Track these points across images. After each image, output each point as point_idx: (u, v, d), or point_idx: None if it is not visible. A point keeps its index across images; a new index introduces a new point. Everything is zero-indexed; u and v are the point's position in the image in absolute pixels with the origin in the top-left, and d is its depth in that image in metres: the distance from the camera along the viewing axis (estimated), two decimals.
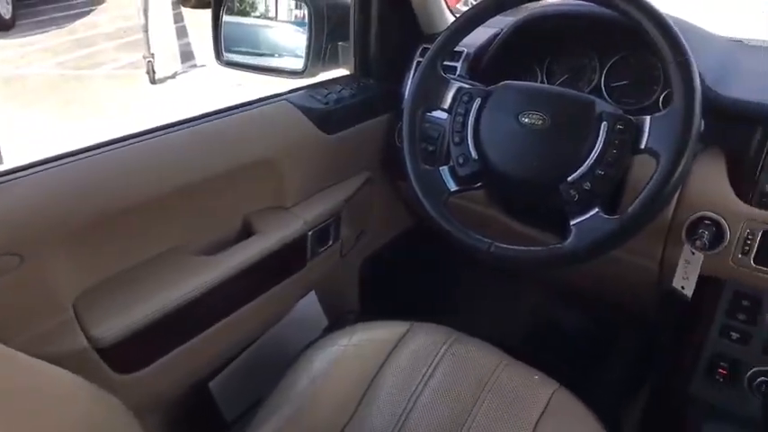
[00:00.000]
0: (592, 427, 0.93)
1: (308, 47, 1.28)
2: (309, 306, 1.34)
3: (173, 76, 5.62)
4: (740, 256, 0.95)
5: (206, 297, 0.97)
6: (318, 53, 1.32)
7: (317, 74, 1.33)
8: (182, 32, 6.94)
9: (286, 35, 1.34)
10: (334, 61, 1.37)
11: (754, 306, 0.98)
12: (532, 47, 1.25)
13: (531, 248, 0.90)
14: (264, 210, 1.13)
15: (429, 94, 1.03)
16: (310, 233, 1.16)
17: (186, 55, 6.17)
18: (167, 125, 1.01)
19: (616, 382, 1.47)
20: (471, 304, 1.68)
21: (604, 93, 1.19)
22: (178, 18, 7.54)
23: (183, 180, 0.97)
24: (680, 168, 0.82)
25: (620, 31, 1.05)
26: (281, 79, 1.32)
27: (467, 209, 1.24)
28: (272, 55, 1.35)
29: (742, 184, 0.97)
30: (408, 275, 1.64)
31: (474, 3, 1.08)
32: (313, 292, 1.35)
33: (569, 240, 0.88)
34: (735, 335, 1.00)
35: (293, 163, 1.15)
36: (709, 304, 1.02)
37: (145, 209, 0.95)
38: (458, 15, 1.36)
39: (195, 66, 5.88)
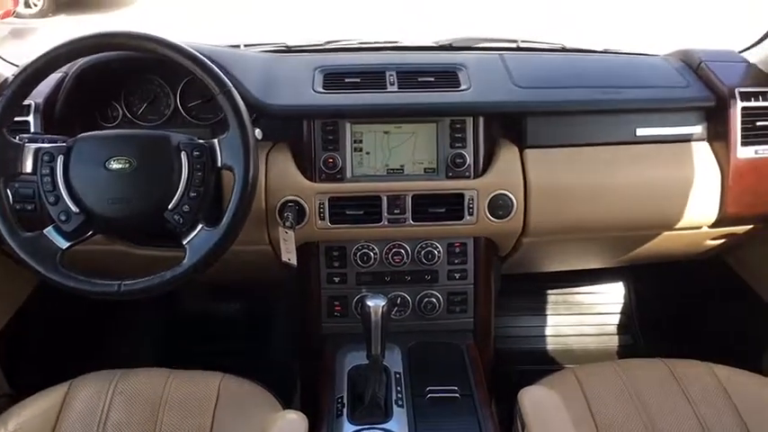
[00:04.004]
0: (261, 396, 1.12)
1: None
2: None
3: None
4: (320, 221, 1.25)
5: None
6: None
7: None
8: None
9: None
10: None
11: (342, 253, 1.30)
12: (105, 84, 1.30)
13: (156, 276, 1.01)
14: None
15: (5, 162, 1.01)
16: None
17: None
18: None
19: (276, 347, 1.71)
20: (130, 337, 1.70)
21: (183, 113, 1.34)
22: None
23: None
24: (250, 176, 1.03)
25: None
26: None
27: (94, 252, 1.26)
28: None
29: (305, 166, 1.25)
30: (56, 333, 1.56)
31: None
32: None
33: (186, 259, 1.02)
34: (336, 278, 1.31)
35: None
36: (314, 262, 1.31)
37: None
38: (14, 66, 1.31)
39: None
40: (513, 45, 1.53)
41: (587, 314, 1.85)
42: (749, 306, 1.53)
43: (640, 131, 1.30)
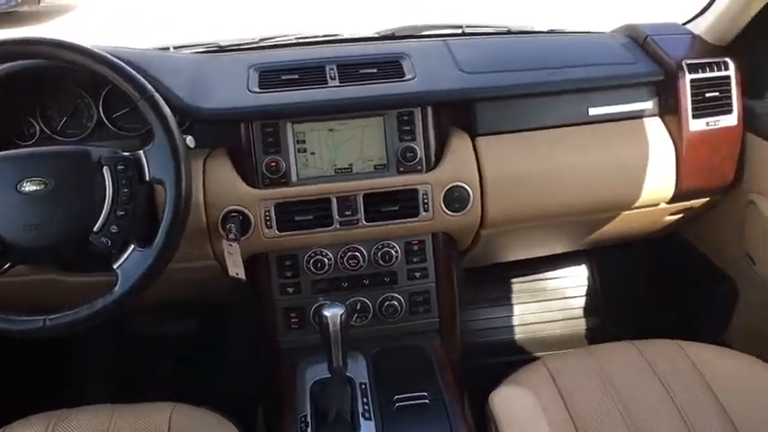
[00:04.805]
0: (217, 425, 1.04)
1: None
2: None
3: None
4: (267, 230, 1.16)
5: None
6: None
7: None
8: None
9: None
10: None
11: (294, 262, 1.22)
12: (16, 98, 1.19)
13: (85, 307, 0.92)
14: None
15: None
16: None
17: None
18: None
19: (234, 368, 1.61)
20: (71, 369, 1.58)
21: (108, 124, 1.23)
22: None
23: None
24: (183, 189, 0.94)
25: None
26: None
27: (18, 283, 1.15)
28: None
29: (247, 172, 1.17)
30: None
31: None
32: None
33: (118, 285, 0.93)
34: (290, 289, 1.23)
35: None
36: (265, 274, 1.22)
37: None
38: None
39: None
40: (458, 31, 1.48)
41: (552, 300, 1.82)
42: (710, 278, 1.53)
43: (593, 111, 1.27)
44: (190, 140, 1.06)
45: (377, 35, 1.50)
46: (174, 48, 1.40)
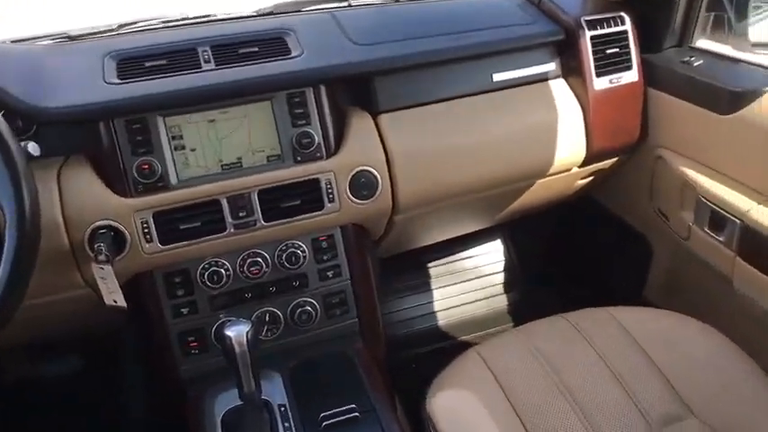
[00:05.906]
0: None
1: None
2: None
3: None
4: (147, 245, 0.99)
5: None
6: None
7: None
8: None
9: None
10: None
11: (185, 278, 1.05)
12: None
13: None
14: None
15: None
16: None
17: None
18: None
19: (132, 411, 1.41)
20: None
21: None
22: None
23: None
24: (27, 208, 0.75)
25: None
26: None
27: None
28: None
29: (114, 179, 0.98)
30: None
31: None
32: None
33: None
34: (185, 310, 1.06)
35: None
36: (151, 297, 1.05)
37: None
38: None
39: None
40: (344, 3, 1.36)
41: (471, 280, 1.76)
42: (624, 238, 1.53)
43: (497, 77, 1.20)
44: (32, 148, 0.87)
45: (255, 13, 1.34)
46: (12, 42, 1.17)
